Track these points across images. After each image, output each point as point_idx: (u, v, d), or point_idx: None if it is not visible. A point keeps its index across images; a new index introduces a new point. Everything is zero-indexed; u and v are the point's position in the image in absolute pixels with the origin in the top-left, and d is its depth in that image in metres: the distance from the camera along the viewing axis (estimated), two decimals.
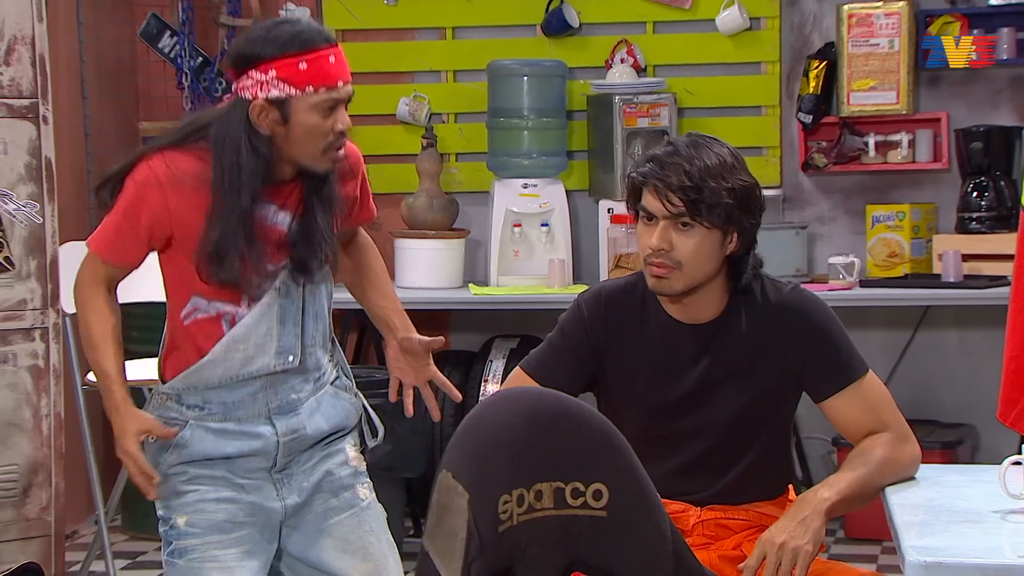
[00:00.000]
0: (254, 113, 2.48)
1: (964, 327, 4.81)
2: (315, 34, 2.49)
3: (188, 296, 2.56)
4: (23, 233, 3.49)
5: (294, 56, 2.45)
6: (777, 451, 2.59)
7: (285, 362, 2.57)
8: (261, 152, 2.48)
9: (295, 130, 2.48)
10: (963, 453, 4.57)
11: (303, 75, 2.46)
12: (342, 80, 2.51)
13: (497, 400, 2.24)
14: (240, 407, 2.58)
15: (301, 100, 2.47)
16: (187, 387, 2.58)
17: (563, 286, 4.67)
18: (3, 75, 3.45)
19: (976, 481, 2.39)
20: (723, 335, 2.52)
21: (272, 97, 2.46)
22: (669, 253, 2.45)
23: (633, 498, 2.19)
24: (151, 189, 2.49)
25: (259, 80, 2.47)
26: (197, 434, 2.58)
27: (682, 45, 4.93)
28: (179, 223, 2.51)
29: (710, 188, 2.42)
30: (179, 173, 2.49)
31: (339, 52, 2.51)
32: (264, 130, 2.48)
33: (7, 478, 3.49)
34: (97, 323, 2.60)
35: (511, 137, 4.84)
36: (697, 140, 2.48)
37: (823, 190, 4.91)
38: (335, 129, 2.50)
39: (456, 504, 2.11)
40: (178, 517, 2.59)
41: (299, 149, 2.50)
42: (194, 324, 2.56)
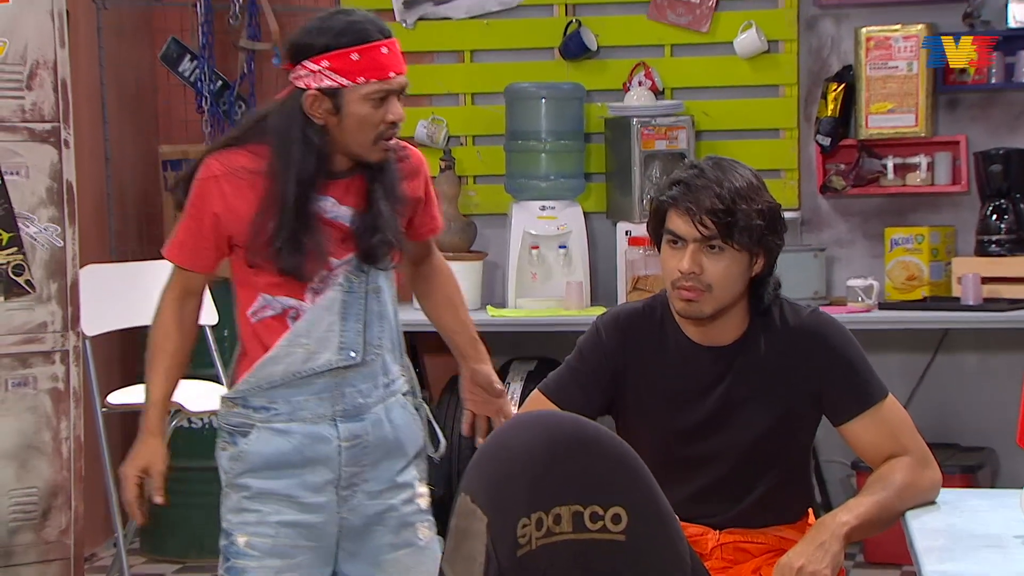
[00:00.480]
0: (307, 103, 2.52)
1: (984, 350, 4.79)
2: (369, 25, 2.52)
3: (255, 295, 2.60)
4: (44, 256, 3.51)
5: (347, 47, 2.49)
6: (797, 475, 2.58)
7: (347, 358, 2.59)
8: (314, 142, 2.53)
9: (347, 120, 2.52)
10: (983, 477, 4.55)
11: (355, 66, 2.49)
12: (394, 71, 2.54)
13: (515, 424, 2.23)
14: (305, 407, 2.60)
15: (353, 91, 2.50)
16: (252, 387, 2.60)
17: (581, 308, 4.67)
18: (25, 99, 3.48)
19: (997, 506, 2.38)
20: (743, 358, 2.51)
21: (324, 87, 2.50)
22: (699, 276, 2.45)
23: (652, 522, 2.18)
24: (209, 184, 2.55)
25: (312, 71, 2.51)
26: (263, 436, 2.60)
27: (700, 68, 4.94)
28: (237, 217, 2.55)
29: (742, 210, 2.42)
30: (235, 168, 2.55)
31: (393, 44, 2.55)
32: (318, 120, 2.52)
33: (27, 501, 3.49)
34: (156, 339, 2.66)
35: (529, 160, 4.84)
36: (721, 162, 2.49)
37: (841, 213, 4.90)
38: (386, 120, 2.54)
39: (475, 528, 2.10)
40: (239, 536, 2.62)
41: (351, 139, 2.54)
42: (261, 323, 2.60)
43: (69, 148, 3.54)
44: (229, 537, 2.63)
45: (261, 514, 2.60)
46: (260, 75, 5.08)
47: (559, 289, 4.76)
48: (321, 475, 2.60)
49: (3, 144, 3.45)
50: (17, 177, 3.46)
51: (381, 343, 2.64)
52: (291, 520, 2.59)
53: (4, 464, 3.46)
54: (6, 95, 3.45)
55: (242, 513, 2.62)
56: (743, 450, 2.50)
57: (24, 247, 3.48)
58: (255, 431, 2.60)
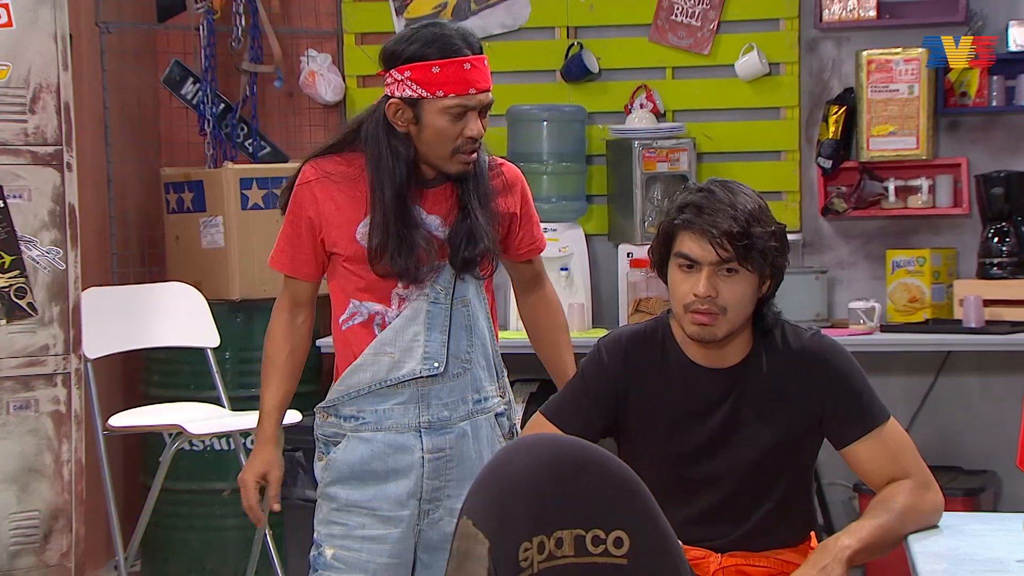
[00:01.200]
0: (390, 111, 2.58)
1: (986, 373, 4.79)
2: (457, 39, 2.56)
3: (347, 302, 2.66)
4: (46, 279, 3.51)
5: (430, 60, 2.53)
6: (798, 498, 2.57)
7: (431, 368, 2.63)
8: (399, 149, 2.58)
9: (425, 131, 2.57)
10: (985, 500, 4.54)
11: (435, 79, 2.53)
12: (475, 88, 2.57)
13: (517, 447, 2.23)
14: (391, 416, 2.65)
15: (432, 103, 2.55)
16: (342, 396, 2.66)
17: (582, 330, 4.67)
18: (28, 123, 3.48)
19: (999, 530, 2.38)
20: (744, 380, 2.51)
21: (406, 97, 2.55)
22: (715, 300, 2.45)
23: (654, 546, 2.18)
24: (303, 191, 2.63)
25: (397, 79, 2.57)
26: (351, 444, 2.65)
27: (701, 90, 4.95)
28: (328, 221, 2.62)
29: (757, 233, 2.42)
30: (327, 173, 2.62)
31: (480, 60, 2.58)
32: (400, 128, 2.58)
33: (28, 524, 3.49)
34: (267, 351, 2.73)
35: (530, 181, 4.78)
36: (727, 184, 2.49)
37: (843, 235, 4.91)
38: (464, 135, 2.57)
39: (476, 551, 2.10)
40: (327, 547, 2.68)
41: (429, 149, 2.58)
42: (350, 330, 2.65)
43: (72, 171, 3.55)
44: (319, 548, 2.70)
45: (347, 528, 2.66)
46: (262, 98, 5.10)
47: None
48: (403, 487, 2.65)
49: (6, 167, 3.46)
50: (20, 200, 3.47)
51: (471, 357, 2.68)
52: (375, 535, 2.65)
53: (5, 487, 3.46)
54: (9, 118, 3.46)
55: (330, 525, 2.68)
56: (745, 472, 2.50)
57: (26, 270, 3.48)
58: (344, 440, 2.66)
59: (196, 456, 4.69)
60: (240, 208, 4.72)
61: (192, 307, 4.26)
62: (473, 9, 5.05)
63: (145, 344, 4.21)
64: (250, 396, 4.62)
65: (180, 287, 4.34)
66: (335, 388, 2.68)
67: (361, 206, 2.62)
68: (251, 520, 2.72)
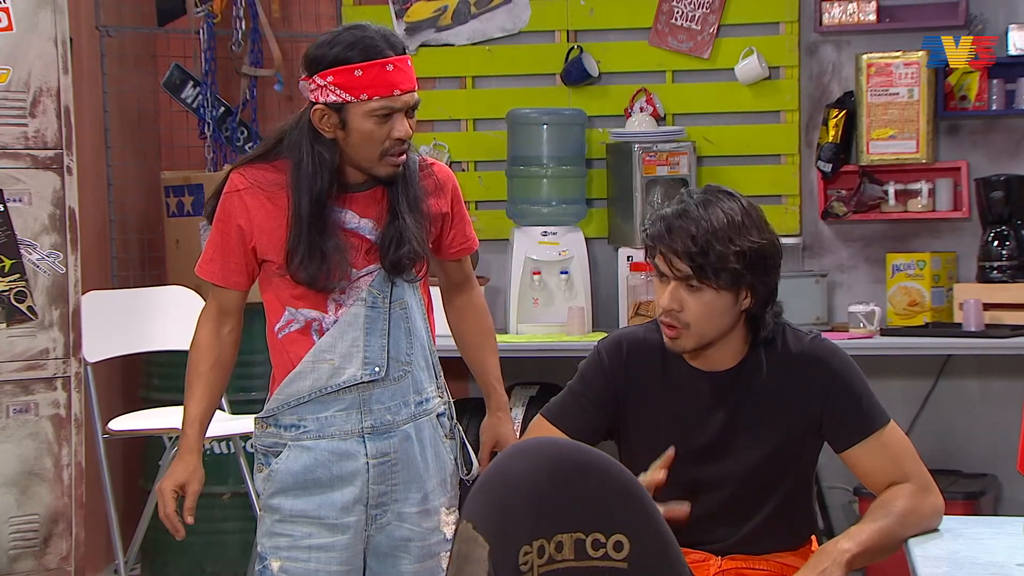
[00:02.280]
0: (315, 117, 2.56)
1: (986, 376, 4.79)
2: (379, 41, 2.54)
3: (283, 309, 2.62)
4: (46, 282, 3.51)
5: (351, 63, 2.51)
6: (799, 501, 2.57)
7: (372, 372, 2.61)
8: (324, 155, 2.56)
9: (352, 135, 2.55)
10: (986, 504, 4.54)
11: (358, 82, 2.52)
12: (399, 89, 2.55)
13: (517, 451, 2.23)
14: (333, 423, 2.62)
15: (356, 106, 2.53)
16: (282, 405, 2.63)
17: (582, 334, 4.67)
18: (28, 127, 3.49)
19: (1000, 533, 2.38)
20: (742, 384, 2.51)
21: (330, 102, 2.53)
22: (679, 314, 2.46)
23: (654, 549, 2.18)
24: (233, 199, 2.60)
25: (320, 85, 2.54)
26: (293, 453, 2.62)
27: (701, 94, 4.95)
28: (260, 229, 2.59)
29: (716, 252, 2.41)
30: (256, 181, 2.59)
31: (402, 61, 2.56)
32: (326, 134, 2.55)
33: (28, 528, 3.49)
34: (192, 359, 2.70)
35: (530, 185, 4.85)
36: (709, 198, 2.47)
37: (843, 238, 4.91)
38: (392, 136, 2.56)
39: (476, 555, 2.10)
40: (273, 560, 2.63)
41: (357, 153, 2.57)
42: (287, 338, 2.62)
43: (72, 175, 3.55)
44: (263, 562, 2.65)
45: (293, 538, 2.62)
46: (262, 101, 5.10)
47: (561, 314, 4.76)
48: (349, 493, 2.62)
49: (6, 171, 3.46)
50: (20, 204, 3.47)
51: (411, 359, 2.65)
52: (323, 544, 2.61)
53: (5, 490, 3.46)
54: (9, 122, 3.46)
55: (275, 537, 2.63)
56: (745, 475, 2.50)
57: (26, 274, 3.48)
58: (286, 450, 2.63)
59: None
60: None
61: (192, 311, 4.21)
62: (473, 12, 5.05)
63: (145, 348, 4.21)
64: (249, 400, 4.63)
65: (180, 291, 4.34)
66: (275, 398, 2.63)
67: None
68: (169, 529, 2.65)
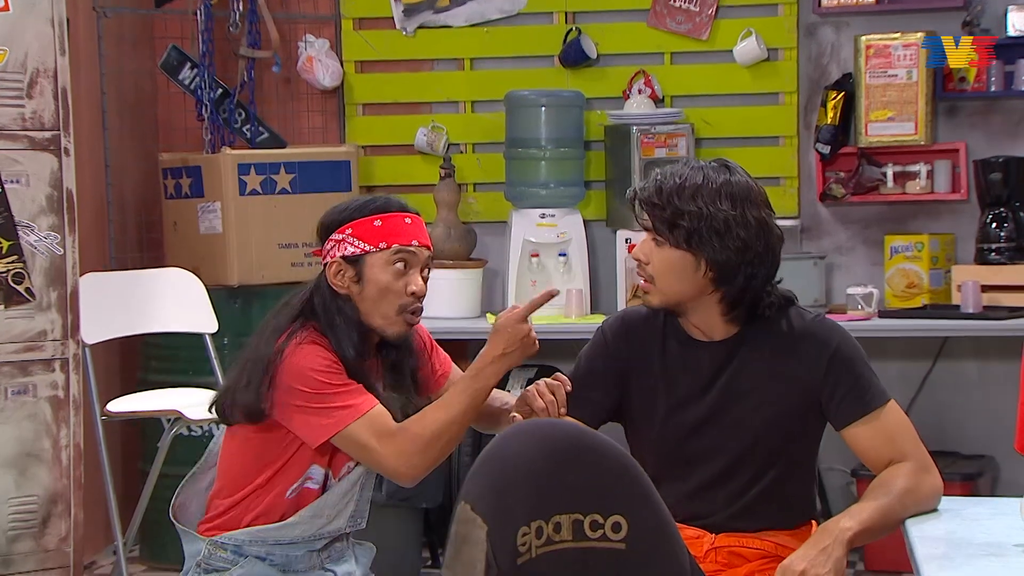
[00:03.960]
0: (331, 273, 2.56)
1: (983, 358, 4.79)
2: (391, 201, 2.60)
3: (307, 466, 2.59)
4: (44, 264, 3.51)
5: (370, 215, 2.55)
6: (796, 480, 2.58)
7: (356, 524, 2.65)
8: (349, 314, 2.55)
9: (368, 288, 2.54)
10: (983, 485, 4.55)
11: (377, 231, 2.54)
12: (417, 240, 2.58)
13: (516, 432, 2.24)
14: (301, 561, 2.63)
15: (376, 256, 2.54)
16: (254, 540, 2.61)
17: (581, 316, 4.67)
18: (25, 108, 3.48)
19: (997, 514, 2.38)
20: (739, 355, 2.53)
21: (347, 254, 2.54)
22: (646, 266, 2.52)
23: (652, 531, 2.18)
24: (332, 366, 2.54)
25: (337, 240, 2.56)
26: (248, 562, 2.61)
27: (699, 76, 4.94)
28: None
29: (673, 207, 2.46)
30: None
31: (416, 218, 2.60)
32: (341, 291, 2.55)
33: (26, 509, 3.49)
34: (437, 413, 2.58)
35: (529, 167, 4.85)
36: (703, 164, 2.52)
37: (841, 220, 4.91)
38: (408, 290, 2.55)
39: (475, 536, 2.10)
40: None
41: (373, 308, 2.55)
42: (298, 495, 2.60)
43: (69, 156, 3.54)
44: None
45: None
46: (260, 83, 5.09)
47: (559, 297, 4.75)
48: None
49: (3, 152, 3.46)
50: (17, 185, 3.47)
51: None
52: None
53: (3, 472, 3.46)
54: (6, 103, 3.46)
55: None
56: (739, 449, 2.51)
57: (24, 255, 3.48)
58: (238, 567, 2.61)
59: (194, 441, 4.68)
60: (238, 194, 4.71)
61: (190, 293, 4.26)
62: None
63: (143, 329, 4.21)
64: None
65: (178, 273, 4.33)
66: (251, 533, 2.60)
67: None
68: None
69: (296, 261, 4.77)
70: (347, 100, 5.14)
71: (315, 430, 2.51)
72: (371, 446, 2.50)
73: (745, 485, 2.52)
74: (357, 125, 5.15)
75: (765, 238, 2.49)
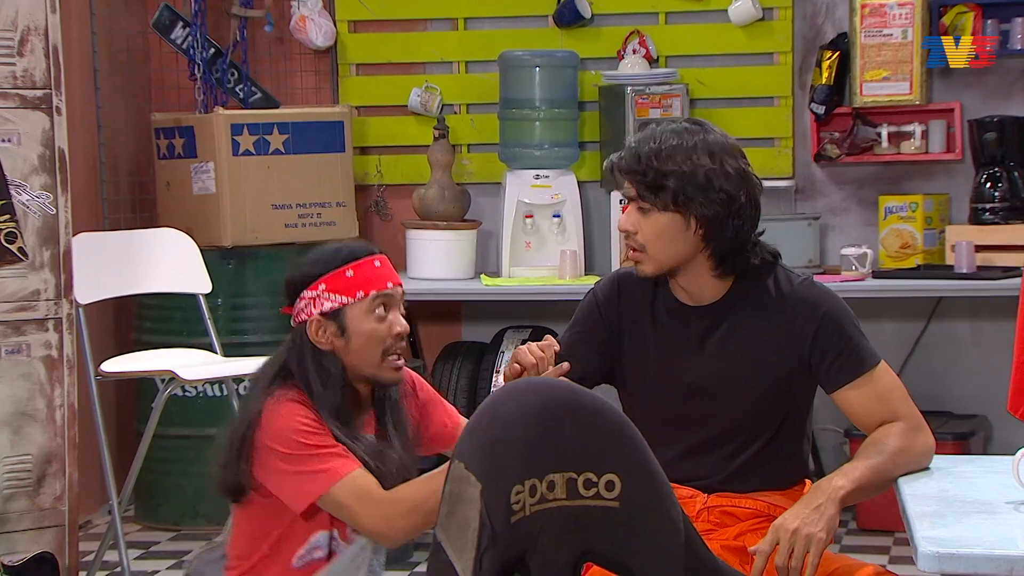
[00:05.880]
0: (312, 331, 2.49)
1: (977, 318, 4.80)
2: (356, 247, 2.54)
3: (310, 534, 2.52)
4: (36, 224, 3.50)
5: (340, 267, 2.49)
6: (788, 442, 2.58)
7: None
8: (331, 371, 2.49)
9: (353, 340, 2.49)
10: (976, 444, 4.57)
11: (351, 282, 2.49)
12: (391, 282, 2.53)
13: (509, 390, 2.24)
14: None
15: (355, 307, 2.49)
16: None
17: (575, 277, 4.67)
18: (16, 66, 3.46)
19: (989, 472, 2.39)
20: (728, 319, 2.53)
21: (326, 310, 2.49)
22: (635, 236, 2.51)
23: (646, 489, 2.19)
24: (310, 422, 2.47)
25: (311, 298, 2.50)
26: None
27: (694, 36, 4.92)
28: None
29: (654, 170, 2.46)
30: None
31: (383, 259, 2.55)
32: (324, 347, 2.49)
33: (21, 468, 3.49)
34: (424, 482, 2.49)
35: (523, 128, 4.83)
36: (675, 126, 2.51)
37: (836, 181, 4.90)
38: (392, 332, 2.51)
39: (469, 494, 2.11)
40: None
41: (360, 359, 2.50)
42: (306, 565, 2.53)
43: (61, 115, 3.52)
44: None
45: None
46: (253, 42, 5.06)
47: (553, 258, 4.76)
48: None
49: None
50: (9, 144, 3.45)
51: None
52: None
53: None
54: None
55: None
56: (732, 412, 2.52)
57: (16, 214, 3.46)
58: None
59: (189, 402, 4.69)
60: (231, 154, 4.69)
61: (184, 253, 4.25)
62: None
63: (136, 290, 4.20)
64: (242, 343, 4.63)
65: (171, 233, 4.32)
66: None
67: None
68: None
69: (289, 222, 4.77)
70: (340, 60, 5.12)
71: (297, 496, 2.45)
72: (353, 508, 2.44)
73: (737, 448, 2.53)
74: (350, 85, 5.13)
75: (747, 187, 2.50)
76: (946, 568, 1.96)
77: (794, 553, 2.27)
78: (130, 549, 4.20)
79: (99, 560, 3.99)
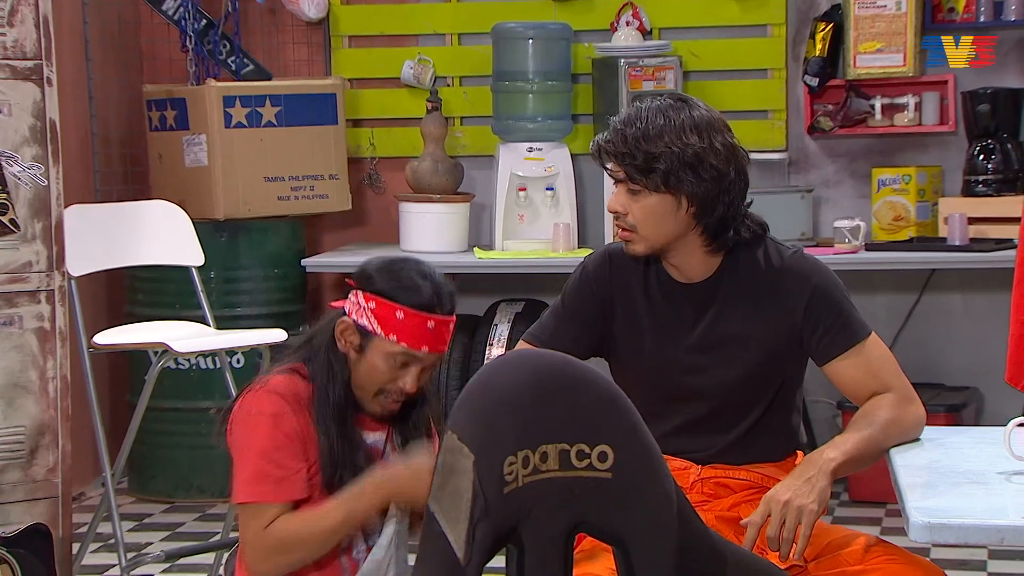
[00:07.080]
0: (339, 327, 2.48)
1: (969, 290, 4.81)
2: (426, 298, 2.46)
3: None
4: (28, 195, 3.48)
5: (398, 303, 2.45)
6: (780, 414, 2.59)
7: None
8: (336, 370, 2.48)
9: (364, 365, 2.48)
10: (967, 416, 4.58)
11: (396, 323, 2.46)
12: (428, 347, 2.47)
13: (502, 362, 2.24)
14: None
15: (380, 342, 2.46)
16: None
17: (568, 250, 4.67)
18: (6, 36, 3.44)
19: (980, 443, 2.40)
20: (720, 296, 2.53)
21: (360, 324, 2.47)
22: (625, 217, 2.50)
23: (638, 460, 2.19)
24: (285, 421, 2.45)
25: (359, 304, 2.48)
26: None
27: (688, 8, 4.91)
28: (313, 448, 2.47)
29: (644, 152, 2.44)
30: (298, 398, 2.47)
31: (445, 323, 2.49)
32: (342, 347, 2.48)
33: (14, 440, 3.49)
34: (308, 519, 2.44)
35: (516, 100, 4.82)
36: (659, 103, 2.49)
37: (829, 153, 4.90)
38: (396, 384, 2.48)
39: (461, 465, 2.11)
40: None
41: (359, 381, 2.49)
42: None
43: (52, 86, 3.50)
44: None
45: None
46: (245, 14, 5.04)
47: (546, 231, 4.76)
48: None
49: None
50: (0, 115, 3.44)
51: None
52: None
53: None
54: None
55: None
56: (725, 387, 2.52)
57: (8, 186, 3.45)
58: None
59: (182, 375, 4.69)
60: (223, 126, 4.68)
61: (176, 226, 4.23)
62: None
63: (129, 262, 4.19)
64: (235, 316, 4.63)
65: (164, 205, 4.31)
66: None
67: None
68: None
69: (282, 195, 4.76)
70: (333, 32, 5.10)
71: (234, 486, 2.45)
72: (242, 534, 2.44)
73: (730, 422, 2.53)
74: (343, 58, 5.11)
75: (735, 162, 2.49)
76: (937, 538, 1.97)
77: (786, 525, 2.27)
78: (124, 521, 4.21)
79: (92, 532, 4.00)
